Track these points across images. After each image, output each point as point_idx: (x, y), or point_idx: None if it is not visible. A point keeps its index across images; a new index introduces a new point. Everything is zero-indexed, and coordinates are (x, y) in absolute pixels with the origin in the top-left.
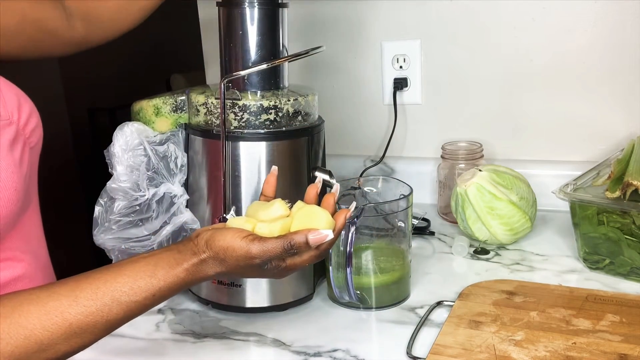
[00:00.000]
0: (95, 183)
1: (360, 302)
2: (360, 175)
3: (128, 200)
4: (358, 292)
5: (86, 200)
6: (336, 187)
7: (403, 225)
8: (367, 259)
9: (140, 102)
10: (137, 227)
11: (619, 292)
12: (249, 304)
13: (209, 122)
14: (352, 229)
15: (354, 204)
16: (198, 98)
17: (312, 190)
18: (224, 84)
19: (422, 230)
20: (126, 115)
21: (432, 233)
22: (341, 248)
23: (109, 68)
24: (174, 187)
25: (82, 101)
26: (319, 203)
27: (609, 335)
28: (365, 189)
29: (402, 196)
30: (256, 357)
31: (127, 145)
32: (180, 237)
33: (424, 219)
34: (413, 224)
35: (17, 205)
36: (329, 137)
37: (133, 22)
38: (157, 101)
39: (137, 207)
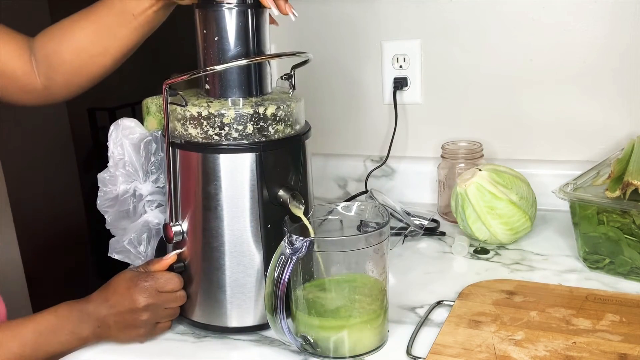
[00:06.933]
0: (95, 182)
1: (307, 349)
2: (367, 178)
3: (104, 192)
4: (305, 335)
5: (85, 200)
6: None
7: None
8: (337, 295)
9: (146, 99)
10: (125, 219)
11: (619, 292)
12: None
13: (175, 128)
14: (294, 259)
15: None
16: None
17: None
18: (166, 89)
19: (433, 230)
20: (126, 115)
21: (443, 233)
22: (275, 274)
23: None
24: (142, 186)
25: (82, 101)
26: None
27: (609, 335)
28: (340, 209)
29: (372, 229)
30: (256, 357)
31: (116, 141)
32: (145, 234)
33: (433, 220)
34: (418, 229)
35: None
36: (328, 136)
37: (93, 74)
38: (147, 100)
39: (114, 201)
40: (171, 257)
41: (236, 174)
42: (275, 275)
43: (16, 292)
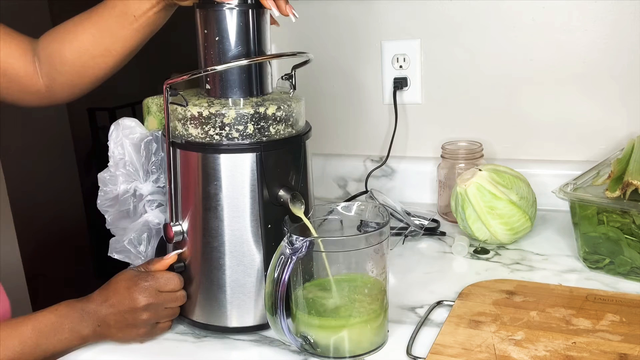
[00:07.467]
0: (95, 182)
1: (307, 349)
2: (367, 178)
3: (104, 192)
4: (305, 335)
5: (85, 200)
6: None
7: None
8: (333, 295)
9: (146, 99)
10: (126, 219)
11: (619, 292)
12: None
13: (175, 128)
14: (294, 259)
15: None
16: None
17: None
18: (167, 89)
19: (433, 230)
20: (126, 115)
21: (443, 233)
22: (275, 274)
23: None
24: (142, 186)
25: (82, 101)
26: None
27: (609, 335)
28: (340, 209)
29: (372, 229)
30: (256, 357)
31: (116, 140)
32: (146, 234)
33: (434, 220)
34: (418, 229)
35: None
36: (328, 136)
37: (95, 75)
38: (148, 100)
39: (114, 200)
40: (171, 257)
41: (236, 174)
42: (275, 275)
43: (16, 291)
